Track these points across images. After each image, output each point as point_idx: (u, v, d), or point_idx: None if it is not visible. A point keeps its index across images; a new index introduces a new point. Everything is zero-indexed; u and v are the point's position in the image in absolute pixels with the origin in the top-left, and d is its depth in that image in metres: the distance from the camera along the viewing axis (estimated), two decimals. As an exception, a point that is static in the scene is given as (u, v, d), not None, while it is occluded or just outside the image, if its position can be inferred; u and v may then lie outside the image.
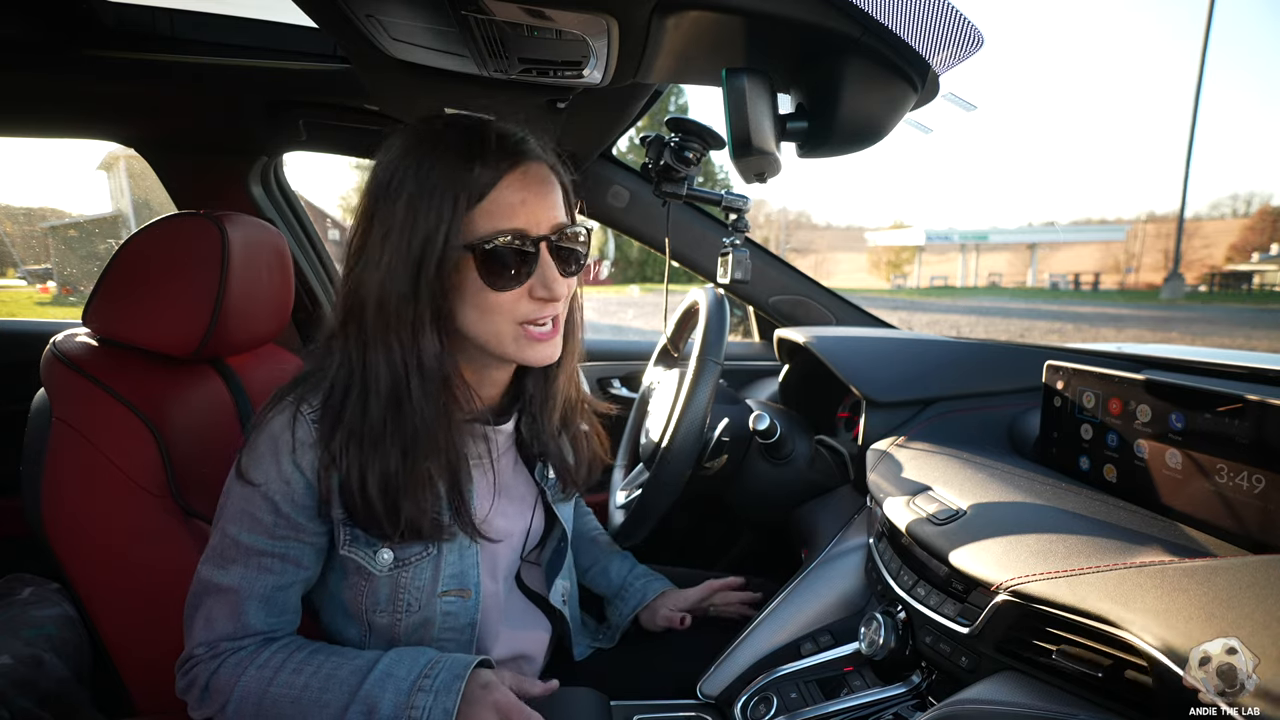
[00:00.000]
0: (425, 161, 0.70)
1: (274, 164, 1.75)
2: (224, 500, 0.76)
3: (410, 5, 0.70)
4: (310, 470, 0.73)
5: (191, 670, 0.75)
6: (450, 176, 0.69)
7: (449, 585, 0.80)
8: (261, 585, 0.75)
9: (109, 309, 0.99)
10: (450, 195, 0.69)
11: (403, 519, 0.72)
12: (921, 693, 0.74)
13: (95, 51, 1.19)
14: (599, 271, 23.89)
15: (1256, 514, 0.62)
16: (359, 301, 0.73)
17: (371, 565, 0.76)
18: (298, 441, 0.72)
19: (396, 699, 0.70)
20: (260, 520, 0.73)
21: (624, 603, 1.06)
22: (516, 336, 0.75)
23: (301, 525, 0.74)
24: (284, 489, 0.73)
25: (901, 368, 1.15)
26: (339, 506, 0.74)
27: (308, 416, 0.73)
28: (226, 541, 0.75)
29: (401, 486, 0.72)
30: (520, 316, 0.75)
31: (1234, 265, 41.31)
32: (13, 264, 6.45)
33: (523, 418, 0.89)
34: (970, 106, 0.82)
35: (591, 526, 1.18)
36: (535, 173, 0.74)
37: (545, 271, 0.74)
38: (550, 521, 0.95)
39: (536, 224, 0.73)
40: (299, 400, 0.74)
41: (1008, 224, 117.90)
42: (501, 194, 0.71)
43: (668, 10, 0.63)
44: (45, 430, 0.93)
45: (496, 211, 0.71)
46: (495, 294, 0.73)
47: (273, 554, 0.75)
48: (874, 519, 0.95)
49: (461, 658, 0.75)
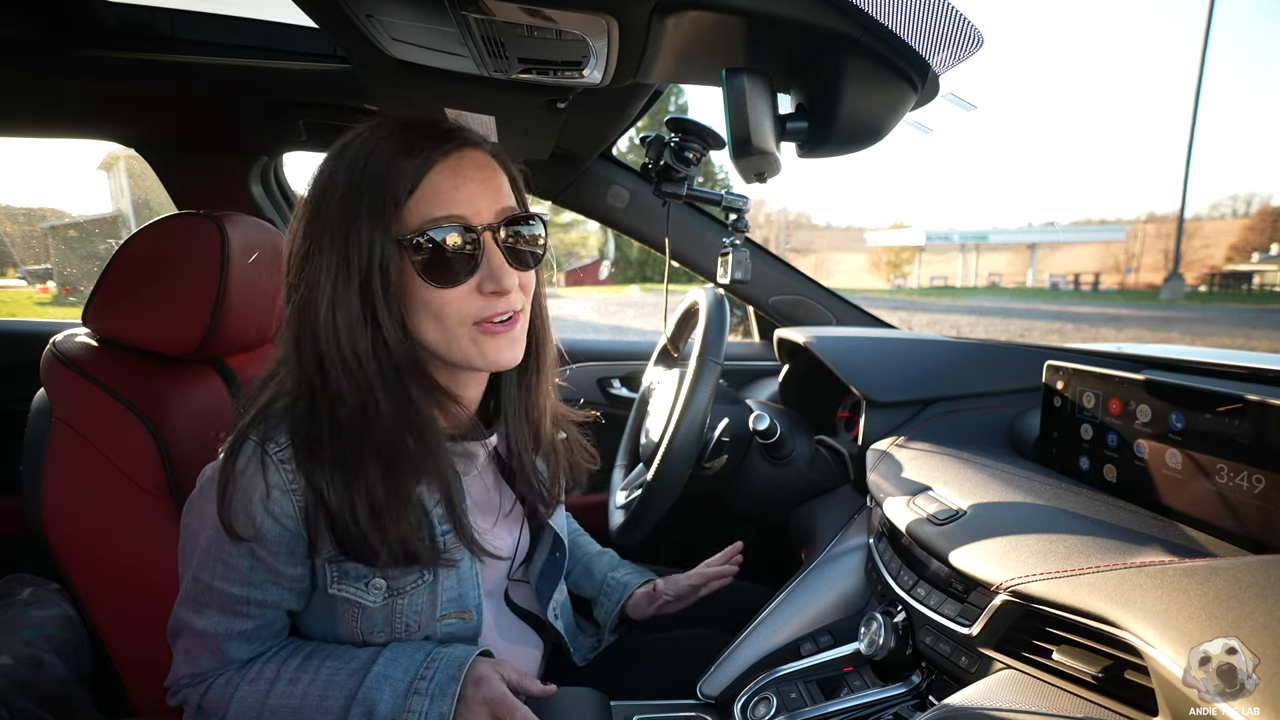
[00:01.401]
0: (358, 160, 0.67)
1: (274, 164, 1.75)
2: (190, 541, 0.72)
3: (410, 5, 0.69)
4: (287, 516, 0.67)
5: (180, 693, 0.74)
6: (380, 170, 0.66)
7: (448, 609, 0.76)
8: (241, 627, 0.72)
9: (109, 309, 0.99)
10: (380, 189, 0.65)
11: (394, 543, 0.68)
12: (921, 693, 0.74)
13: (95, 51, 1.18)
14: (599, 271, 23.87)
15: (1256, 514, 0.62)
16: (308, 319, 0.67)
17: (364, 598, 0.72)
18: (270, 486, 0.66)
19: (394, 701, 0.69)
20: (235, 567, 0.69)
21: (608, 599, 1.04)
22: (473, 337, 0.70)
23: (280, 571, 0.70)
24: (262, 539, 0.68)
25: (901, 368, 1.15)
26: (330, 544, 0.68)
27: (275, 456, 0.67)
28: (200, 587, 0.70)
29: (389, 509, 0.67)
30: (473, 315, 0.70)
31: (1234, 265, 41.31)
32: (13, 264, 6.44)
33: (501, 429, 0.85)
34: (970, 106, 0.82)
35: (571, 529, 1.15)
36: (472, 158, 0.70)
37: (492, 261, 0.69)
38: (535, 537, 0.92)
39: (476, 212, 0.68)
40: (263, 440, 0.67)
41: (1008, 224, 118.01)
42: (432, 182, 0.67)
43: (668, 10, 0.63)
44: (45, 430, 0.93)
45: (428, 199, 0.67)
46: (441, 291, 0.68)
47: (250, 600, 0.71)
48: (874, 519, 0.95)
49: (458, 654, 0.73)
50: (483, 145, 0.73)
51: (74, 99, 1.36)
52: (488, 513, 0.85)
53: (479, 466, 0.83)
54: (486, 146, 0.74)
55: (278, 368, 0.71)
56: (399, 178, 0.66)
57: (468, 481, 0.81)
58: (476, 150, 0.72)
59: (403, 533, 0.68)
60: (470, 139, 0.72)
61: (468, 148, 0.71)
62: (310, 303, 0.67)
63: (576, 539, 1.14)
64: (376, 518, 0.67)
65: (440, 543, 0.73)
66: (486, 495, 0.85)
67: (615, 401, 1.80)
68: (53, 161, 43.96)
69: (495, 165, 0.73)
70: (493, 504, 0.86)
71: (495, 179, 0.72)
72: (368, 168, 0.66)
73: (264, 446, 0.67)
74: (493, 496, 0.86)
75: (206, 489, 0.70)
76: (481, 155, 0.72)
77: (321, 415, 0.68)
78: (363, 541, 0.67)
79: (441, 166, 0.68)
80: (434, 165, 0.68)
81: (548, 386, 0.86)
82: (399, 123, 0.70)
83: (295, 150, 1.69)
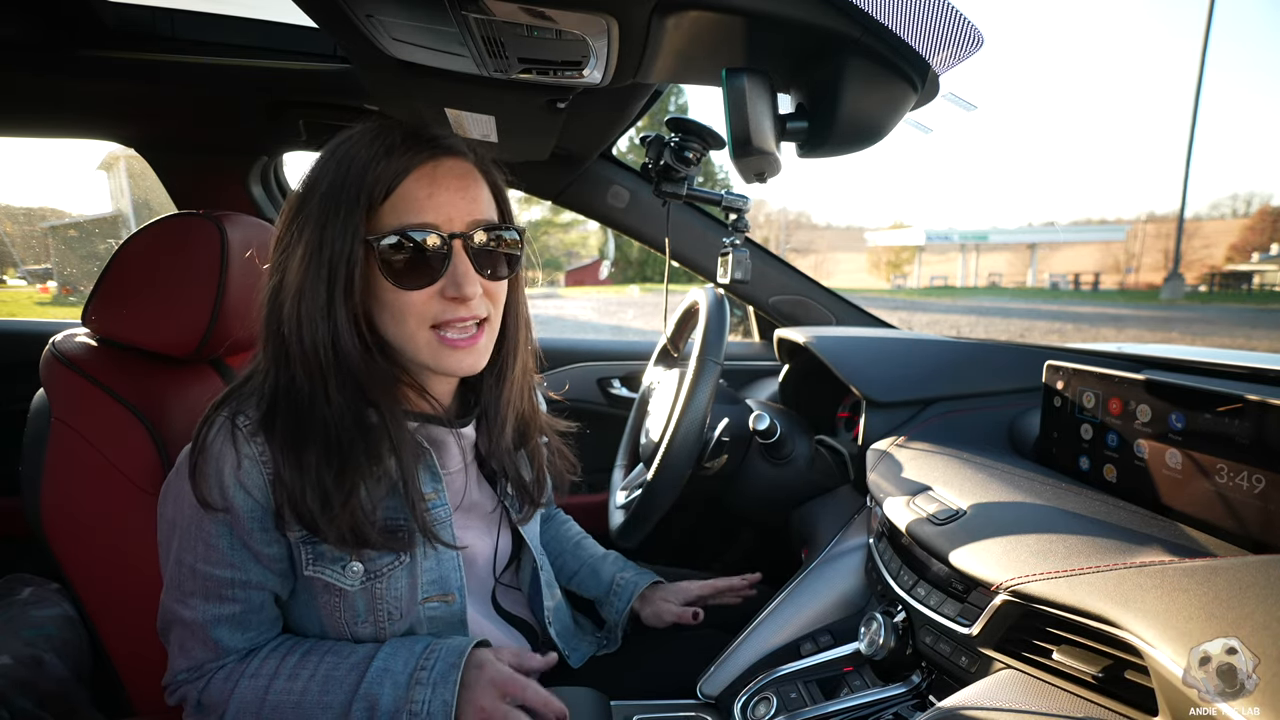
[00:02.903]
0: (344, 159, 0.69)
1: (274, 164, 1.75)
2: (168, 528, 0.73)
3: (410, 5, 0.69)
4: (256, 489, 0.69)
5: (179, 690, 0.74)
6: (361, 171, 0.68)
7: (430, 591, 0.77)
8: (227, 612, 0.72)
9: (108, 309, 0.99)
10: (358, 190, 0.67)
11: (343, 528, 0.69)
12: (921, 693, 0.74)
13: (95, 51, 1.19)
14: (599, 271, 23.86)
15: (1256, 514, 0.62)
16: (277, 304, 0.70)
17: (341, 581, 0.73)
18: (241, 456, 0.68)
19: (395, 693, 0.69)
20: (215, 546, 0.70)
21: (618, 599, 1.04)
22: (430, 342, 0.72)
23: (258, 550, 0.71)
24: (235, 511, 0.69)
25: (901, 368, 1.15)
26: (295, 524, 0.69)
27: (244, 429, 0.69)
28: (183, 571, 0.71)
29: (333, 494, 0.68)
30: (432, 318, 0.71)
31: (1234, 265, 41.32)
32: (13, 264, 6.44)
33: (480, 429, 0.86)
34: (970, 106, 0.82)
35: (574, 532, 1.16)
36: (450, 167, 0.71)
37: (457, 269, 0.70)
38: (520, 543, 0.93)
39: (448, 220, 0.70)
40: (234, 414, 0.70)
41: (1008, 224, 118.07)
42: (407, 187, 0.69)
43: (668, 10, 0.63)
44: (45, 430, 0.93)
45: (400, 206, 0.69)
46: (403, 294, 0.70)
47: (233, 582, 0.71)
48: (874, 519, 0.95)
49: (457, 643, 0.74)
50: (465, 154, 0.74)
51: (74, 99, 1.36)
52: (468, 510, 0.86)
53: (458, 461, 0.84)
54: (469, 155, 0.75)
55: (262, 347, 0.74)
56: (376, 181, 0.68)
57: (450, 478, 0.82)
58: (456, 159, 0.73)
59: (351, 518, 0.69)
60: (452, 147, 0.73)
61: (447, 156, 0.72)
62: (281, 289, 0.70)
63: (581, 541, 1.14)
64: (324, 502, 0.68)
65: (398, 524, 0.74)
66: (467, 492, 0.86)
67: (615, 401, 1.80)
68: (53, 161, 44.01)
69: (476, 174, 0.74)
70: (473, 501, 0.87)
71: (473, 189, 0.73)
72: (351, 168, 0.68)
73: (234, 420, 0.70)
74: (474, 494, 0.87)
75: (182, 468, 0.72)
76: (461, 164, 0.73)
77: (280, 395, 0.70)
78: (314, 522, 0.69)
79: (418, 173, 0.70)
80: (410, 171, 0.69)
81: (521, 390, 0.87)
82: (388, 126, 0.72)
83: (295, 150, 1.69)
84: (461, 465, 0.85)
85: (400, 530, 0.74)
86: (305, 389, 0.69)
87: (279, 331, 0.70)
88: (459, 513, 0.84)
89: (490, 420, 0.85)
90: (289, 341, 0.69)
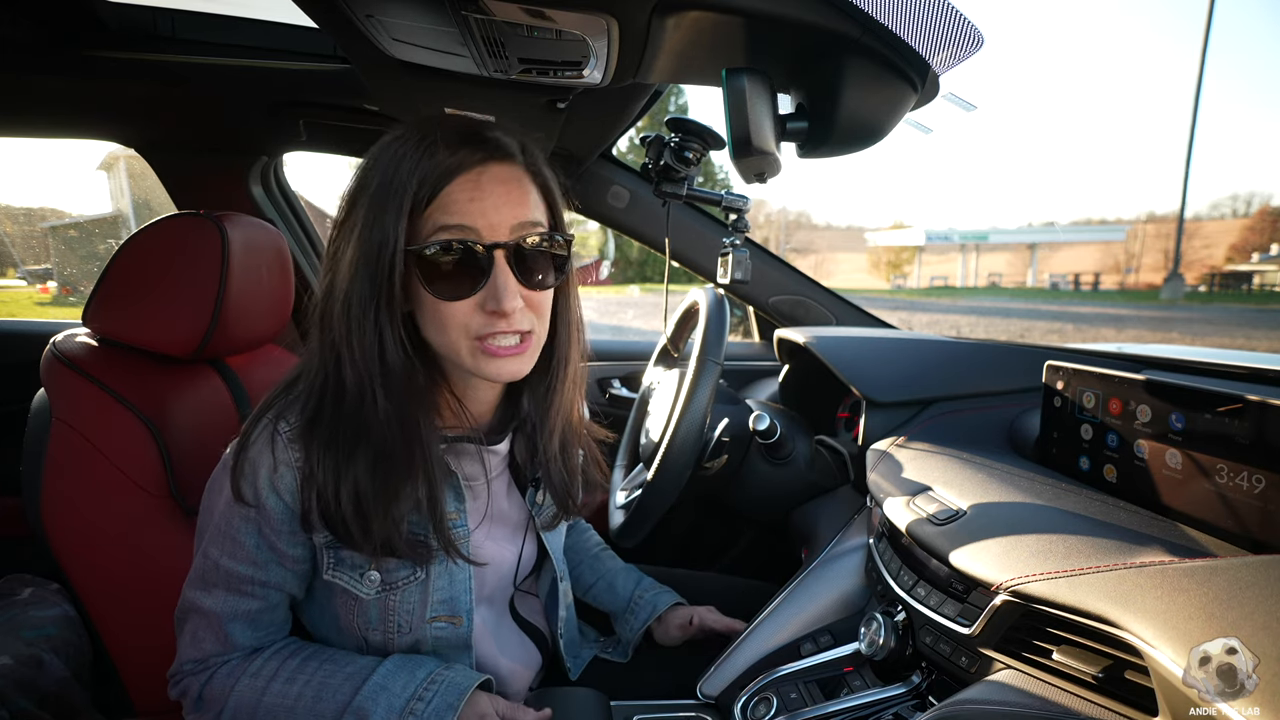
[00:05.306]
0: (394, 161, 0.67)
1: (274, 164, 1.75)
2: (205, 519, 0.74)
3: (410, 5, 0.69)
4: (288, 493, 0.70)
5: (182, 681, 0.75)
6: (408, 175, 0.66)
7: (438, 611, 0.77)
8: (245, 607, 0.73)
9: (109, 309, 0.99)
10: (403, 194, 0.65)
11: (375, 535, 0.69)
12: (921, 693, 0.74)
13: (95, 51, 1.19)
14: (599, 271, 23.83)
15: (1256, 514, 0.62)
16: (329, 307, 0.69)
17: (358, 589, 0.73)
18: (277, 461, 0.69)
19: (388, 716, 0.69)
20: (242, 544, 0.71)
21: (635, 617, 1.02)
22: (473, 352, 0.70)
23: (283, 551, 0.72)
24: (266, 512, 0.70)
25: (901, 368, 1.14)
26: (322, 528, 0.70)
27: (285, 435, 0.70)
28: (209, 564, 0.72)
29: (372, 500, 0.68)
30: (474, 331, 0.69)
31: (1234, 265, 41.31)
32: (13, 264, 6.44)
33: (517, 439, 0.84)
34: (970, 106, 0.82)
35: (594, 543, 1.15)
36: (496, 172, 0.69)
37: (496, 281, 0.68)
38: (543, 550, 0.92)
39: (490, 226, 0.67)
40: (277, 418, 0.71)
41: (1008, 224, 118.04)
42: (451, 193, 0.67)
43: (668, 10, 0.63)
44: (45, 431, 0.93)
45: (443, 209, 0.67)
46: (444, 304, 0.68)
47: (254, 580, 0.73)
48: (874, 519, 0.95)
49: (460, 679, 0.73)
50: (515, 158, 0.71)
51: (74, 99, 1.37)
52: (496, 520, 0.85)
53: (493, 471, 0.83)
54: (519, 159, 0.72)
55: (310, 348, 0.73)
56: (421, 184, 0.66)
57: (479, 487, 0.81)
58: (507, 164, 0.70)
59: (385, 527, 0.69)
60: (502, 152, 0.70)
61: (494, 161, 0.69)
62: (332, 291, 0.69)
63: (599, 553, 1.13)
64: (359, 507, 0.68)
65: (424, 537, 0.74)
66: (496, 501, 0.84)
67: (615, 401, 1.80)
68: (53, 161, 43.99)
69: (525, 179, 0.72)
70: (501, 511, 0.86)
71: (518, 192, 0.70)
72: (398, 170, 0.66)
73: (275, 425, 0.70)
74: (502, 503, 0.86)
75: (227, 461, 0.72)
76: (508, 169, 0.70)
77: (327, 398, 0.70)
78: (344, 527, 0.68)
79: (464, 178, 0.67)
80: (457, 175, 0.67)
81: (570, 399, 0.84)
82: (438, 125, 0.70)
83: (295, 150, 1.69)
84: (490, 477, 0.83)
85: (422, 545, 0.73)
86: (354, 393, 0.68)
87: (330, 336, 0.69)
88: (484, 523, 0.83)
89: (536, 429, 0.83)
90: (339, 345, 0.68)
